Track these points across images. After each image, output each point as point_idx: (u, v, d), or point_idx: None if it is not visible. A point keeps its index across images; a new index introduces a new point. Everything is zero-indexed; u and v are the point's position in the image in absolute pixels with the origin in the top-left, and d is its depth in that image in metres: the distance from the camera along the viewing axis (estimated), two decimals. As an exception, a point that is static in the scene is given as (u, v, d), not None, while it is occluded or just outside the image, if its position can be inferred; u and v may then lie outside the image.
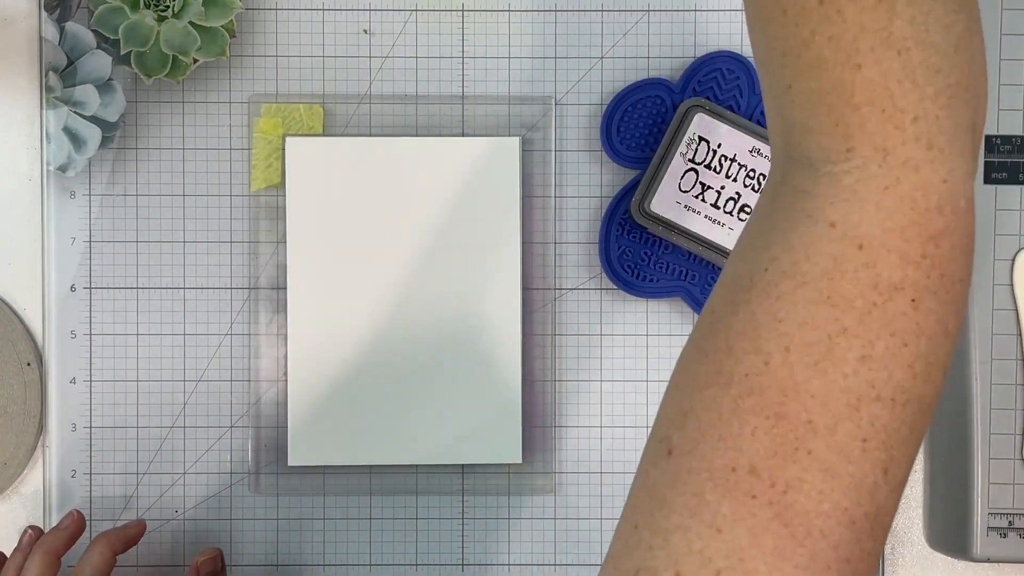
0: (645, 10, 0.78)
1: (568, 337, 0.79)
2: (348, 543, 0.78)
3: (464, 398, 0.76)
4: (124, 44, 0.77)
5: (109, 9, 0.76)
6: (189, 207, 0.78)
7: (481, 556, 0.79)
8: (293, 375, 0.76)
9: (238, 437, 0.78)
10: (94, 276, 0.78)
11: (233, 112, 0.78)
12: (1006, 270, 0.75)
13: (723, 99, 0.77)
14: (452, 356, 0.76)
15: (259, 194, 0.78)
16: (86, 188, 0.78)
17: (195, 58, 0.77)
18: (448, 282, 0.76)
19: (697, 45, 0.78)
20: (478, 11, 0.78)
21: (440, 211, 0.76)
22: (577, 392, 0.78)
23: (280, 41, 0.78)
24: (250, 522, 0.78)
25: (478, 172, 0.76)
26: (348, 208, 0.76)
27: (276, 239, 0.78)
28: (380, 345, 0.76)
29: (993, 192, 0.75)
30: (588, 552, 0.78)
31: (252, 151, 0.78)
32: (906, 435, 0.45)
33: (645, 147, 0.77)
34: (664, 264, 0.77)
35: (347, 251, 0.76)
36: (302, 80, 0.78)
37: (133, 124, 0.78)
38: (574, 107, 0.78)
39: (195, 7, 0.76)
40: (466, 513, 0.79)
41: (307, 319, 0.76)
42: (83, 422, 0.78)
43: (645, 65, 0.78)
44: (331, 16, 0.78)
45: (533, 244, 0.78)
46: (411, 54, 0.78)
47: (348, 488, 0.78)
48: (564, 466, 0.79)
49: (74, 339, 0.78)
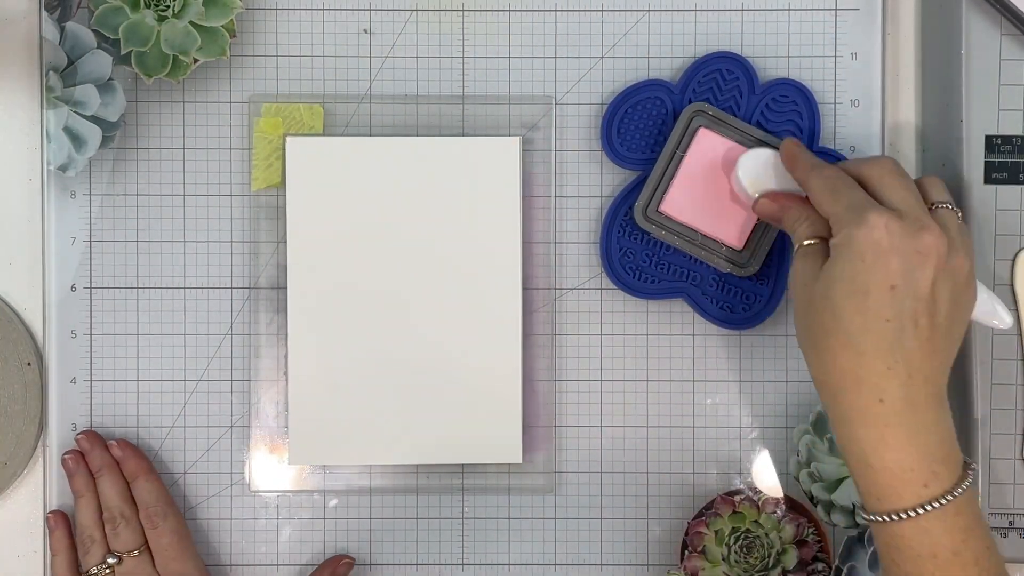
0: (645, 10, 0.78)
1: (568, 337, 0.79)
2: (348, 543, 0.78)
3: (464, 398, 0.76)
4: (124, 44, 0.77)
5: (109, 9, 0.76)
6: (189, 207, 0.78)
7: (481, 556, 0.79)
8: (293, 375, 0.76)
9: (238, 437, 0.78)
10: (94, 276, 0.78)
11: (233, 112, 0.78)
12: (1006, 270, 0.75)
13: (723, 100, 0.77)
14: (452, 356, 0.76)
15: (259, 194, 0.78)
16: (86, 188, 0.78)
17: (195, 58, 0.77)
18: (448, 282, 0.76)
19: (697, 45, 0.78)
20: (478, 11, 0.78)
21: (440, 211, 0.76)
22: (577, 392, 0.78)
23: (280, 41, 0.78)
24: (250, 522, 0.78)
25: (478, 172, 0.76)
26: (348, 208, 0.76)
27: (276, 239, 0.78)
28: (380, 345, 0.76)
29: (993, 192, 0.75)
30: (588, 552, 0.79)
31: (252, 151, 0.78)
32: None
33: (645, 148, 0.77)
34: (665, 265, 0.77)
35: (347, 251, 0.76)
36: (302, 80, 0.78)
37: (133, 124, 0.78)
38: (574, 107, 0.78)
39: (195, 7, 0.76)
40: (466, 513, 0.79)
41: (307, 319, 0.76)
42: (83, 422, 0.78)
43: (645, 65, 0.78)
44: (331, 16, 0.78)
45: (533, 244, 0.78)
46: (411, 54, 0.78)
47: (348, 488, 0.78)
48: (564, 466, 0.79)
49: (74, 339, 0.78)
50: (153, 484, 0.76)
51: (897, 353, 0.61)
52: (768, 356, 0.78)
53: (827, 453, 0.78)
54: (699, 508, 0.78)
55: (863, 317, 0.61)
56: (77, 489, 0.76)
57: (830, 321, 0.62)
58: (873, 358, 0.61)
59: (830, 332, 0.62)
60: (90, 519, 0.75)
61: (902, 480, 0.61)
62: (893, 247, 0.62)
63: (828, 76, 0.78)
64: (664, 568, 0.78)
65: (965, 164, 0.74)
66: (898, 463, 0.61)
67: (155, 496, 0.75)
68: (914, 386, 0.62)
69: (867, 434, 0.62)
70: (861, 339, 0.61)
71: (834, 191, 0.65)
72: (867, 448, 0.62)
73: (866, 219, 0.62)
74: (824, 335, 0.63)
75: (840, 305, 0.62)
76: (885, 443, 0.61)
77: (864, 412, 0.62)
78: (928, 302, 0.62)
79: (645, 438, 0.79)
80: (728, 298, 0.77)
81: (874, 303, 0.61)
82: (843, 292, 0.62)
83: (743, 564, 0.76)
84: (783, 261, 0.77)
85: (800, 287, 0.65)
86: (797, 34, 0.78)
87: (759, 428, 0.78)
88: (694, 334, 0.78)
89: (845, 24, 0.78)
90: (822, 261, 0.65)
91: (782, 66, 0.78)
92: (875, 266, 0.62)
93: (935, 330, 0.62)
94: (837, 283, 0.62)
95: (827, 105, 0.78)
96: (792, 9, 0.78)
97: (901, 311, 0.61)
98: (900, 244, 0.62)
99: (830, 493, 0.78)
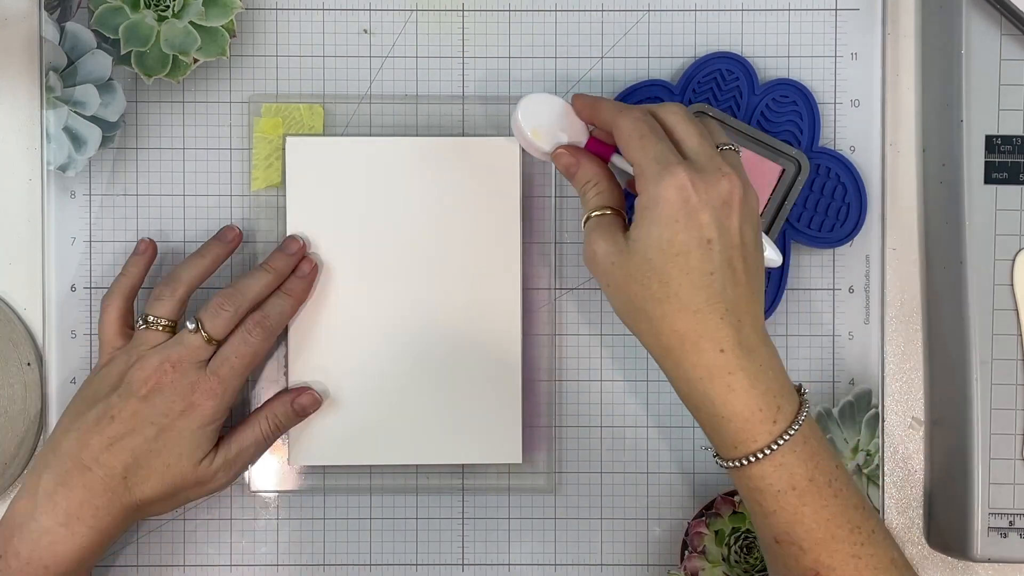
0: (645, 10, 0.78)
1: (568, 337, 0.79)
2: (348, 543, 0.78)
3: (464, 398, 0.76)
4: (124, 44, 0.77)
5: (109, 9, 0.76)
6: (189, 207, 0.78)
7: (481, 556, 0.79)
8: (293, 375, 0.76)
9: (238, 437, 0.78)
10: (94, 276, 0.78)
11: (233, 112, 0.78)
12: (1006, 270, 0.75)
13: (723, 100, 0.77)
14: (452, 356, 0.76)
15: (259, 194, 0.78)
16: (86, 188, 0.78)
17: (195, 58, 0.77)
18: (448, 282, 0.76)
19: (697, 45, 0.78)
20: (478, 11, 0.78)
21: (440, 211, 0.76)
22: (577, 392, 0.78)
23: (280, 41, 0.78)
24: (250, 522, 0.78)
25: (478, 172, 0.76)
26: (348, 208, 0.75)
27: (276, 239, 0.78)
28: (380, 345, 0.76)
29: (993, 192, 0.75)
30: (588, 552, 0.78)
31: (252, 151, 0.78)
32: None
33: (645, 147, 0.77)
34: (664, 264, 0.77)
35: (347, 251, 0.76)
36: (302, 80, 0.78)
37: (133, 124, 0.78)
38: (574, 107, 0.78)
39: (195, 7, 0.76)
40: (466, 513, 0.79)
41: (307, 320, 0.76)
42: (83, 422, 0.78)
43: (645, 65, 0.78)
44: (331, 16, 0.78)
45: (533, 244, 0.78)
46: (411, 54, 0.78)
47: (348, 488, 0.78)
48: (564, 466, 0.79)
49: (74, 339, 0.78)
50: (291, 311, 0.74)
51: (726, 302, 0.63)
52: (768, 356, 0.78)
53: (827, 453, 0.78)
54: (699, 508, 0.78)
55: (690, 276, 0.63)
56: (208, 251, 0.74)
57: (659, 288, 0.63)
58: (707, 313, 0.63)
59: (661, 299, 0.63)
60: (191, 278, 0.73)
61: (753, 422, 0.63)
62: (701, 202, 0.63)
63: (828, 76, 0.78)
64: (664, 568, 0.78)
65: (965, 164, 0.74)
66: (747, 407, 0.63)
67: (280, 317, 0.73)
68: (745, 330, 0.64)
69: (714, 387, 0.63)
70: (693, 298, 0.63)
71: (642, 136, 0.66)
72: (717, 401, 0.63)
73: (672, 176, 0.63)
74: (655, 303, 0.64)
75: (665, 269, 0.63)
76: (732, 391, 0.63)
77: (708, 367, 0.63)
78: (740, 247, 0.64)
79: (645, 438, 0.79)
80: (728, 298, 0.77)
81: (696, 260, 0.63)
82: (664, 257, 0.63)
83: (743, 564, 0.76)
84: (783, 261, 0.77)
85: (606, 263, 0.65)
86: (797, 34, 0.78)
87: (759, 428, 0.78)
88: (694, 334, 0.78)
89: (845, 24, 0.78)
90: (619, 231, 0.66)
91: (782, 66, 0.78)
92: (689, 225, 0.63)
93: (749, 272, 0.65)
94: (655, 249, 0.63)
95: (827, 105, 0.78)
96: (792, 9, 0.78)
97: (721, 261, 0.63)
98: (706, 198, 0.63)
99: (830, 493, 0.78)
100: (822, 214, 0.77)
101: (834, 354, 0.78)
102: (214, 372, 0.70)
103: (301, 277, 0.74)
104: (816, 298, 0.78)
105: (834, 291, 0.78)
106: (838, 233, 0.77)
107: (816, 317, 0.78)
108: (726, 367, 0.63)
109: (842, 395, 0.78)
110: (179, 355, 0.70)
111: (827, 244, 0.77)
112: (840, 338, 0.78)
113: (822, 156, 0.77)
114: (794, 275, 0.78)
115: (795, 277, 0.78)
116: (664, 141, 0.65)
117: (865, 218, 0.77)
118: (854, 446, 0.78)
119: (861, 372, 0.78)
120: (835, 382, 0.78)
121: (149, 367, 0.70)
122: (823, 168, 0.77)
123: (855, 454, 0.78)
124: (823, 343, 0.78)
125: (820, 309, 0.78)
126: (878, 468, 0.78)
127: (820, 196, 0.77)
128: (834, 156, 0.77)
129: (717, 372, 0.63)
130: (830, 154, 0.77)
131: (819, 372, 0.78)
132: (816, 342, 0.78)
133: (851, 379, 0.78)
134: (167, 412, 0.69)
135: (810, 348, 0.78)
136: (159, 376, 0.69)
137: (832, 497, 0.64)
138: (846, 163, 0.77)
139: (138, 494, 0.69)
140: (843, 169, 0.77)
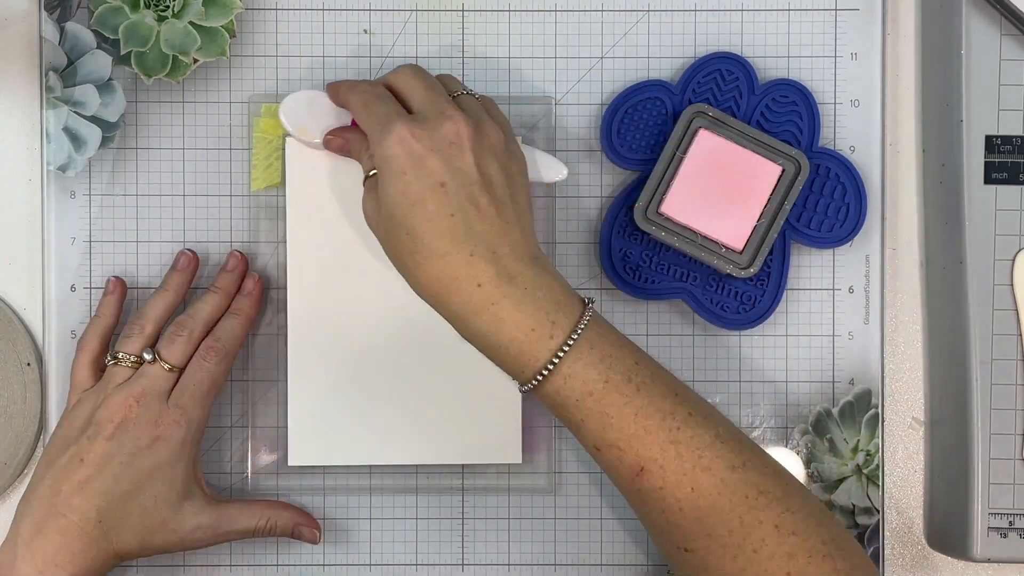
0: (645, 10, 0.78)
1: (568, 337, 0.78)
2: (348, 543, 0.78)
3: (464, 398, 0.76)
4: (124, 44, 0.77)
5: (109, 9, 0.76)
6: (189, 207, 0.78)
7: (481, 556, 0.79)
8: (293, 375, 0.76)
9: (238, 437, 0.78)
10: (94, 276, 0.78)
11: (233, 112, 0.78)
12: (1006, 270, 0.75)
13: (723, 100, 0.77)
14: (452, 356, 0.76)
15: (259, 194, 0.78)
16: (86, 188, 0.78)
17: (195, 58, 0.77)
18: (448, 282, 0.76)
19: (697, 45, 0.78)
20: (478, 11, 0.78)
21: (440, 211, 0.76)
22: (577, 392, 0.78)
23: (280, 41, 0.78)
24: (250, 522, 0.78)
25: (478, 172, 0.76)
26: (348, 208, 0.75)
27: (276, 239, 0.78)
28: (380, 345, 0.76)
29: (993, 192, 0.75)
30: (588, 552, 0.79)
31: (252, 151, 0.78)
32: None
33: (645, 149, 0.77)
34: (665, 266, 0.77)
35: (347, 251, 0.76)
36: (302, 80, 0.78)
37: (133, 124, 0.78)
38: (574, 107, 0.78)
39: (195, 7, 0.76)
40: (466, 513, 0.79)
41: (307, 319, 0.76)
42: (83, 422, 0.78)
43: (645, 65, 0.78)
44: (331, 16, 0.78)
45: (533, 244, 0.78)
46: (411, 54, 0.78)
47: (348, 488, 0.78)
48: (564, 466, 0.79)
49: (74, 339, 0.78)
50: (241, 331, 0.74)
51: (473, 238, 0.65)
52: (768, 356, 0.78)
53: (827, 453, 0.78)
54: (699, 508, 0.78)
55: (431, 223, 0.65)
56: (170, 284, 0.75)
57: (407, 239, 0.66)
58: (456, 254, 0.65)
59: (411, 249, 0.66)
60: (158, 314, 0.74)
61: (530, 343, 0.65)
62: (425, 149, 0.65)
63: (828, 76, 0.78)
64: (664, 568, 0.78)
65: (965, 164, 0.74)
66: (519, 329, 0.65)
67: (232, 339, 0.74)
68: (503, 260, 0.65)
69: (483, 320, 0.65)
70: (438, 243, 0.65)
71: (366, 105, 0.68)
72: (490, 331, 0.65)
73: (391, 133, 0.66)
74: (409, 254, 0.66)
75: (407, 222, 0.65)
76: (501, 319, 0.65)
77: (471, 303, 0.65)
78: (480, 183, 0.66)
79: (645, 438, 0.78)
80: (728, 299, 0.77)
81: (433, 206, 0.65)
82: (404, 209, 0.65)
83: (743, 564, 0.76)
84: (783, 262, 0.77)
85: (372, 220, 0.69)
86: (797, 34, 0.78)
87: (759, 428, 0.78)
88: (694, 334, 0.78)
89: (845, 24, 0.78)
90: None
91: (782, 66, 0.78)
92: (420, 174, 0.65)
93: (499, 204, 0.66)
94: (395, 204, 0.66)
95: (827, 105, 0.78)
96: (792, 9, 0.78)
97: (460, 202, 0.65)
98: (430, 144, 0.65)
99: (830, 493, 0.78)
100: (822, 214, 0.77)
101: (834, 354, 0.78)
102: (175, 404, 0.71)
103: (246, 295, 0.76)
104: (816, 298, 0.78)
105: (834, 291, 0.79)
106: (838, 233, 0.77)
107: (816, 317, 0.78)
108: (488, 299, 0.65)
109: (842, 395, 0.78)
110: (142, 388, 0.71)
111: (827, 244, 0.77)
112: (840, 338, 0.78)
113: (822, 156, 0.77)
114: (794, 275, 0.78)
115: (795, 277, 0.78)
116: (388, 103, 0.68)
117: (865, 218, 0.77)
118: (854, 446, 0.78)
119: (861, 372, 0.78)
120: (835, 382, 0.78)
121: (114, 404, 0.71)
122: (823, 168, 0.77)
123: (855, 454, 0.78)
124: (823, 343, 0.78)
125: (820, 309, 0.78)
126: (878, 468, 0.78)
127: (820, 196, 0.77)
128: (834, 156, 0.77)
129: (481, 306, 0.65)
130: (830, 154, 0.77)
131: (819, 372, 0.78)
132: (816, 342, 0.78)
133: (851, 379, 0.78)
134: (134, 448, 0.70)
135: (810, 348, 0.78)
136: (124, 411, 0.70)
137: (635, 392, 0.65)
138: (846, 163, 0.77)
139: (114, 539, 0.70)
140: (843, 169, 0.77)
